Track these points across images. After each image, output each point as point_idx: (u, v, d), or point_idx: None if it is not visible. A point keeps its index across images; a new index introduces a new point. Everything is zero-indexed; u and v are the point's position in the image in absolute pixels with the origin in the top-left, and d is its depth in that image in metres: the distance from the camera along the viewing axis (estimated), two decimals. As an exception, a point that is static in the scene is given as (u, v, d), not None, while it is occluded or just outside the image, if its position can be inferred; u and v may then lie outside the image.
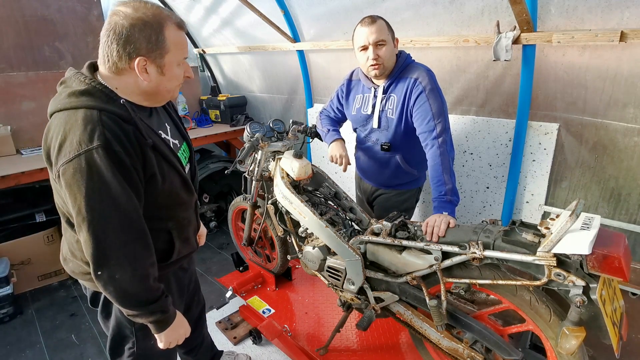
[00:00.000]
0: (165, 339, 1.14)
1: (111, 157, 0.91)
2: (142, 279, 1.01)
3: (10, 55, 2.95)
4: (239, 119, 3.68)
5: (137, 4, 0.96)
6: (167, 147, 1.10)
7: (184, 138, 1.29)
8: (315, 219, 1.66)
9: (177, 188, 1.14)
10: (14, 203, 2.87)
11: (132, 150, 0.96)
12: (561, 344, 1.13)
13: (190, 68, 1.10)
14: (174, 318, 1.14)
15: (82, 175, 0.91)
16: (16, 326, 2.48)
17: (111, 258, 0.96)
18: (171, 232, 1.18)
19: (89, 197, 0.91)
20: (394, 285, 1.56)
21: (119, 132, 0.94)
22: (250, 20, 3.07)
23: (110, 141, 0.91)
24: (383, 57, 1.65)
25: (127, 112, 0.97)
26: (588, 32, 1.63)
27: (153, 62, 0.98)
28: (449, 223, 1.39)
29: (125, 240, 0.97)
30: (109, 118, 0.94)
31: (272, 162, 1.94)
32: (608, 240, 1.06)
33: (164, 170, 1.06)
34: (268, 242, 2.45)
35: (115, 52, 0.95)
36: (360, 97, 1.87)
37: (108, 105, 0.96)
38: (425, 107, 1.63)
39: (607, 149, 1.82)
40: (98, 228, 0.93)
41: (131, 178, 0.96)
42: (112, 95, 0.98)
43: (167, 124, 1.21)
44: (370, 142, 1.91)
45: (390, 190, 2.01)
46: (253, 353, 2.11)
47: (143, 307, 1.04)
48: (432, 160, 1.60)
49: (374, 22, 1.63)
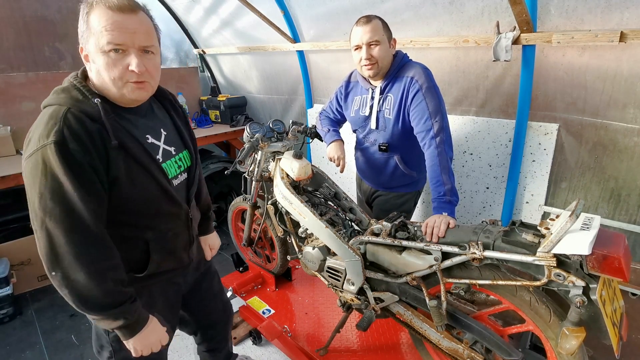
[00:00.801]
0: (133, 346, 1.07)
1: (65, 155, 0.88)
2: (99, 282, 0.96)
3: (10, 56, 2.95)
4: (238, 119, 3.69)
5: None
6: (144, 153, 1.03)
7: (186, 146, 1.24)
8: (315, 220, 1.66)
9: (154, 197, 1.08)
10: (13, 203, 2.87)
11: (92, 149, 0.92)
12: (561, 345, 1.13)
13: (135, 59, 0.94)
14: (144, 324, 1.08)
15: (37, 171, 0.89)
16: (16, 327, 2.48)
17: (64, 259, 0.92)
18: (149, 242, 1.12)
19: (41, 195, 0.90)
20: (394, 285, 1.56)
21: (80, 130, 0.91)
22: (250, 21, 3.07)
23: (66, 138, 0.89)
24: (376, 57, 1.64)
25: (98, 112, 0.95)
26: (588, 33, 1.63)
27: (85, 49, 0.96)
28: (448, 223, 1.39)
29: (78, 241, 0.93)
30: (74, 116, 0.92)
31: (271, 163, 1.94)
32: (608, 240, 1.06)
33: (132, 174, 1.01)
34: (268, 243, 2.45)
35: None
36: (358, 99, 1.87)
37: (79, 103, 0.94)
38: (422, 106, 1.62)
39: (606, 150, 1.82)
40: (50, 227, 0.91)
41: (87, 178, 0.92)
42: (87, 93, 0.96)
43: (163, 129, 1.16)
44: (368, 142, 1.91)
45: (389, 192, 2.01)
46: (253, 354, 2.11)
47: (103, 311, 0.99)
48: (430, 160, 1.59)
49: (368, 22, 1.62)
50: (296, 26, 2.92)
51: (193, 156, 1.27)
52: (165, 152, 1.15)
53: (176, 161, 1.19)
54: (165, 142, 1.15)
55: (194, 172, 1.27)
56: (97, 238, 0.96)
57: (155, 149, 1.11)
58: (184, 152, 1.23)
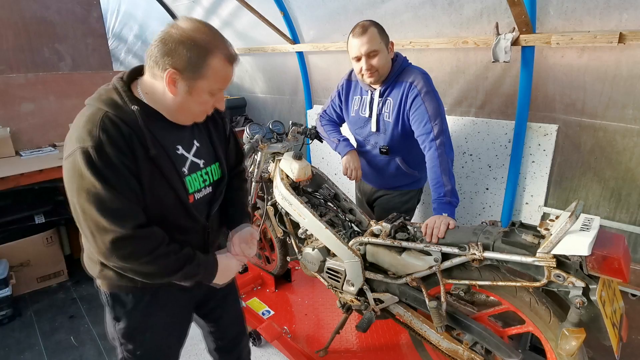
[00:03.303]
0: (218, 282, 1.17)
1: (102, 158, 0.91)
2: (152, 265, 1.01)
3: (9, 57, 2.95)
4: (238, 120, 3.69)
5: (199, 25, 0.96)
6: (171, 164, 1.05)
7: (218, 160, 1.22)
8: (314, 220, 1.66)
9: (170, 208, 1.08)
10: (13, 205, 2.86)
11: (128, 152, 0.95)
12: (561, 345, 1.13)
13: (223, 101, 1.09)
14: (215, 267, 1.15)
15: (74, 173, 0.92)
16: (15, 328, 2.48)
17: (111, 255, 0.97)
18: None
19: (79, 195, 0.93)
20: (394, 286, 1.56)
21: (116, 134, 0.94)
22: (250, 22, 3.08)
23: (103, 142, 0.91)
24: (377, 66, 1.65)
25: (134, 119, 0.97)
26: (587, 34, 1.63)
27: (184, 80, 0.97)
28: (448, 224, 1.39)
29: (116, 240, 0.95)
30: (110, 120, 0.94)
31: (271, 164, 1.95)
32: (608, 241, 1.06)
33: (154, 185, 1.02)
34: (267, 244, 2.45)
35: (154, 57, 0.96)
36: (358, 99, 1.87)
37: (118, 108, 0.97)
38: (421, 110, 1.63)
39: (606, 150, 1.82)
40: (88, 225, 0.95)
41: (122, 177, 0.95)
42: (128, 100, 0.98)
43: (196, 140, 1.15)
44: (369, 145, 1.91)
45: (392, 191, 2.01)
46: (253, 355, 2.10)
47: (170, 278, 1.05)
48: (430, 162, 1.60)
49: (364, 33, 1.61)
50: (296, 27, 2.93)
51: (224, 169, 1.24)
52: (193, 165, 1.13)
53: (202, 175, 1.17)
54: (195, 155, 1.14)
55: (221, 187, 1.25)
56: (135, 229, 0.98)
57: (183, 160, 1.11)
58: (213, 166, 1.21)
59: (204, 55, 0.95)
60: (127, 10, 4.63)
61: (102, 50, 3.49)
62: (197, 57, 0.95)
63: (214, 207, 1.24)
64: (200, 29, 0.96)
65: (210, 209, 1.23)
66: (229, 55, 0.99)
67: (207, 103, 1.04)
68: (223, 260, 1.19)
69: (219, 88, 1.03)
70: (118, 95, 0.99)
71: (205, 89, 1.00)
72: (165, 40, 0.94)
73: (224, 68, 0.99)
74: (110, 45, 4.85)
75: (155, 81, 1.00)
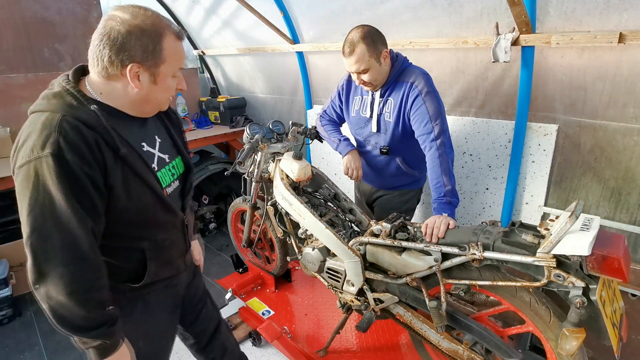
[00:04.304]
0: None
1: (62, 167, 0.85)
2: (81, 304, 0.91)
3: (9, 57, 2.95)
4: (238, 120, 3.69)
5: (137, 10, 0.92)
6: (142, 162, 1.01)
7: (180, 153, 1.21)
8: (314, 221, 1.66)
9: (149, 206, 1.05)
10: (13, 205, 2.86)
11: (91, 160, 0.89)
12: (561, 345, 1.13)
13: (183, 81, 1.06)
14: (119, 346, 1.02)
15: (29, 184, 0.86)
16: (15, 328, 2.48)
17: (47, 275, 0.88)
18: (145, 252, 1.10)
19: (32, 208, 0.86)
20: (394, 286, 1.56)
21: (78, 139, 0.87)
22: (250, 22, 3.08)
23: (62, 150, 0.85)
24: (369, 80, 1.68)
25: (96, 119, 0.91)
26: (587, 34, 1.63)
27: (147, 70, 0.94)
28: (448, 224, 1.39)
29: (64, 260, 0.88)
30: (70, 124, 0.87)
31: (271, 164, 1.95)
32: (608, 241, 1.06)
33: (129, 185, 0.98)
34: (267, 244, 2.45)
35: (107, 57, 0.90)
36: (358, 99, 1.88)
37: (74, 110, 0.90)
38: (422, 110, 1.64)
39: (606, 150, 1.82)
40: (36, 242, 0.87)
41: (83, 191, 0.89)
42: (83, 100, 0.92)
43: (157, 136, 1.13)
44: (369, 146, 1.91)
45: (392, 191, 2.01)
46: (253, 355, 2.11)
47: (81, 332, 0.95)
48: (431, 162, 1.61)
49: (352, 53, 1.61)
50: (296, 27, 2.93)
51: (187, 163, 1.24)
52: (160, 160, 1.12)
53: (169, 169, 1.16)
54: (160, 150, 1.13)
55: (189, 179, 1.24)
56: (86, 257, 0.91)
57: (150, 157, 1.08)
58: (177, 160, 1.20)
59: (157, 39, 0.93)
60: (127, 11, 4.63)
61: (102, 50, 3.49)
62: (152, 44, 0.92)
63: (187, 199, 1.24)
64: (141, 14, 0.92)
65: (184, 202, 1.23)
66: (177, 32, 0.99)
67: (171, 87, 1.03)
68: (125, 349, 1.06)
69: (179, 67, 1.02)
70: (71, 96, 0.92)
71: (168, 73, 0.98)
72: (111, 36, 0.89)
73: (177, 46, 0.99)
74: (110, 46, 4.85)
75: (110, 81, 0.95)
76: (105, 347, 1.00)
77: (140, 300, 1.16)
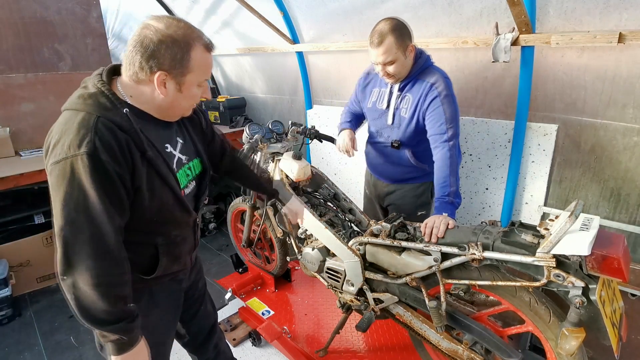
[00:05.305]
0: None
1: (96, 166, 0.90)
2: (105, 297, 0.95)
3: (9, 57, 2.94)
4: (238, 120, 3.69)
5: (170, 20, 0.97)
6: (165, 164, 1.07)
7: (198, 155, 1.26)
8: (314, 221, 1.66)
9: (169, 206, 1.10)
10: (12, 205, 2.86)
11: (122, 161, 0.94)
12: (561, 345, 1.13)
13: (209, 90, 1.11)
14: (137, 343, 1.05)
15: (64, 180, 0.90)
16: (15, 328, 2.48)
17: (76, 267, 0.93)
18: (158, 247, 1.14)
19: (66, 203, 0.90)
20: (394, 286, 1.56)
21: (112, 140, 0.92)
22: (250, 22, 3.08)
23: (98, 149, 0.90)
24: (394, 73, 1.67)
25: (128, 122, 0.96)
26: (586, 34, 1.63)
27: (173, 78, 0.99)
28: (448, 224, 1.39)
29: (92, 254, 0.93)
30: (105, 125, 0.93)
31: (271, 164, 1.94)
32: (607, 241, 1.06)
33: (153, 186, 1.04)
34: (267, 244, 2.45)
35: (138, 63, 0.96)
36: (377, 91, 1.87)
37: (109, 112, 0.95)
38: (438, 111, 1.64)
39: (606, 150, 1.82)
40: (69, 235, 0.91)
41: (114, 189, 0.94)
42: (117, 102, 0.98)
43: (179, 138, 1.18)
44: (382, 138, 1.91)
45: (403, 184, 1.99)
46: (252, 355, 2.11)
47: (102, 325, 0.98)
48: (440, 161, 1.61)
49: (381, 44, 1.61)
50: (295, 27, 2.93)
51: (205, 165, 1.28)
52: (179, 161, 1.17)
53: (185, 170, 1.20)
54: (180, 151, 1.18)
55: (205, 180, 1.28)
56: (113, 252, 0.96)
57: (171, 158, 1.13)
58: (195, 160, 1.25)
59: (186, 50, 0.97)
60: (127, 10, 4.63)
61: (102, 50, 3.48)
62: (180, 53, 0.96)
63: (201, 201, 1.28)
64: (174, 25, 0.97)
65: (197, 203, 1.27)
66: (207, 44, 1.03)
67: (196, 96, 1.07)
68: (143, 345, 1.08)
69: (205, 78, 1.06)
70: (105, 98, 0.97)
71: (194, 82, 1.03)
72: (144, 43, 0.94)
73: (206, 57, 1.03)
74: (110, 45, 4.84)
75: (140, 85, 1.00)
76: (123, 343, 1.02)
77: (147, 292, 1.19)
